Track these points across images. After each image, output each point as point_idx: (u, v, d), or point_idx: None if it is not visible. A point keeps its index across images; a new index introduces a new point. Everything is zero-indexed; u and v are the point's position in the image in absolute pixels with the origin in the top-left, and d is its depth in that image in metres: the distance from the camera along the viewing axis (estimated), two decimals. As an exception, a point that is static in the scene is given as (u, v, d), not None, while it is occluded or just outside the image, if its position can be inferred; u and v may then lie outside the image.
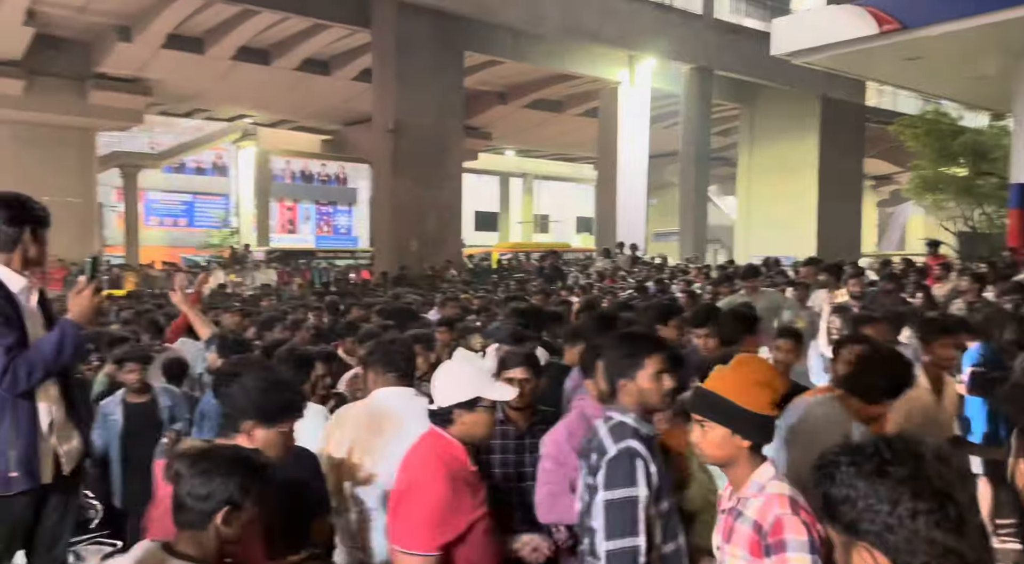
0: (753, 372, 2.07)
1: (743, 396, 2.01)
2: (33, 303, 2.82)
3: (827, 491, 1.20)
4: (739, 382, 2.04)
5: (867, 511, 1.14)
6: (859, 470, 1.16)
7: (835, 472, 1.19)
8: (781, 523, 1.90)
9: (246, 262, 22.48)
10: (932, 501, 1.11)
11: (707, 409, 2.05)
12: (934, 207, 25.72)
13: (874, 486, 1.14)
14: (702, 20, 22.43)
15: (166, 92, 24.09)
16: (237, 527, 1.90)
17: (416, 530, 2.26)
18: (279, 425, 2.28)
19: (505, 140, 32.22)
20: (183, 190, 39.77)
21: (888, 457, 1.15)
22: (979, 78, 16.47)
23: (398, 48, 17.60)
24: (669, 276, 13.42)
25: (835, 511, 1.19)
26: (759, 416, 2.01)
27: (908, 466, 1.14)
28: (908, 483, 1.13)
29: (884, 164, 34.03)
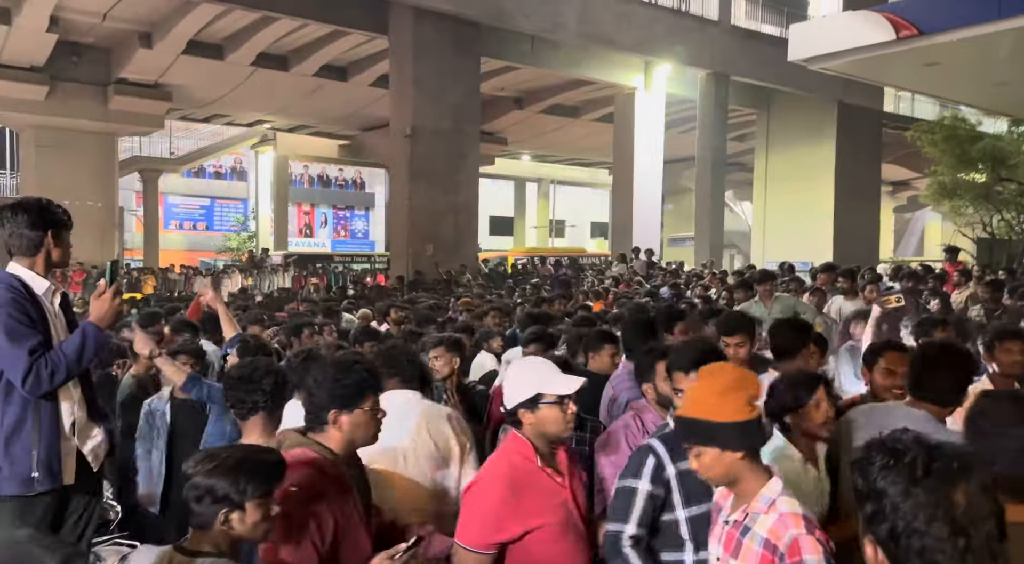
0: (717, 382, 2.01)
1: (715, 410, 1.95)
2: (56, 305, 2.88)
3: (855, 479, 1.22)
4: (707, 397, 1.98)
5: (879, 515, 1.16)
6: (886, 477, 1.16)
7: (868, 468, 1.20)
8: (799, 544, 1.86)
9: (264, 266, 22.67)
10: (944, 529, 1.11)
11: (689, 435, 2.01)
12: (952, 213, 25.43)
13: (893, 499, 1.15)
14: (718, 26, 22.40)
15: (186, 97, 24.36)
16: (244, 527, 1.91)
17: (470, 525, 2.31)
18: (360, 406, 2.28)
19: (521, 145, 32.28)
20: (202, 194, 40.17)
21: (919, 474, 1.14)
22: (998, 84, 16.32)
23: (415, 54, 17.72)
24: (684, 282, 13.40)
25: (858, 499, 1.22)
26: (738, 424, 1.94)
27: (935, 491, 1.13)
28: (928, 508, 1.12)
29: (901, 170, 33.76)
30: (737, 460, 1.96)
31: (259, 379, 2.73)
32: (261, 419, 2.74)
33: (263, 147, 34.05)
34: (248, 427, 2.74)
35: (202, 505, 1.90)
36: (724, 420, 1.93)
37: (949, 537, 1.10)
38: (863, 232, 25.60)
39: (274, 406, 2.78)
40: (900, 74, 17.14)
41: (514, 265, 24.19)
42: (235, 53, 20.64)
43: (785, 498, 1.96)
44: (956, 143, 21.66)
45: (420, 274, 17.26)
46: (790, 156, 25.66)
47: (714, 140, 22.67)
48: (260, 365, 2.83)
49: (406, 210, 18.19)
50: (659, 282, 13.76)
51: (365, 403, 2.28)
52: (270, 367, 2.84)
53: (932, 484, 1.13)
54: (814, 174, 25.01)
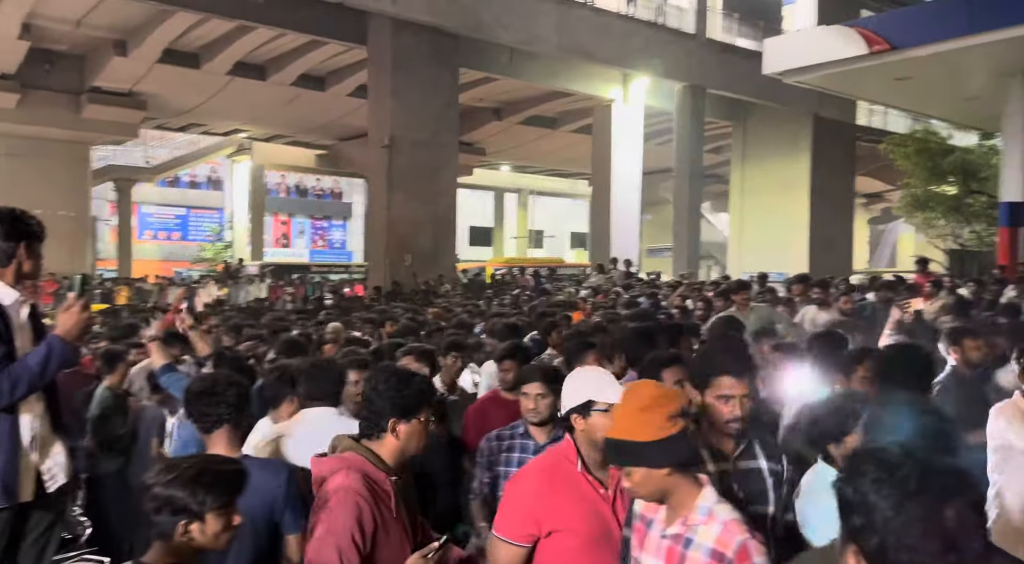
0: (635, 401, 2.03)
1: (636, 430, 1.97)
2: (23, 317, 2.82)
3: (842, 488, 1.20)
4: (627, 418, 2.01)
5: (869, 528, 1.14)
6: (878, 490, 1.15)
7: (857, 478, 1.18)
8: (747, 549, 1.90)
9: (239, 276, 22.43)
10: (935, 544, 1.10)
11: (616, 456, 2.04)
12: (924, 225, 25.88)
13: (884, 514, 1.13)
14: (695, 39, 22.66)
15: (161, 106, 24.13)
16: (205, 537, 1.90)
17: (505, 515, 2.39)
18: (417, 416, 2.37)
19: (500, 156, 32.36)
20: (177, 204, 39.79)
21: (912, 489, 1.13)
22: (968, 98, 16.66)
23: (394, 64, 17.72)
24: (655, 290, 13.43)
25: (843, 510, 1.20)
26: (659, 442, 1.96)
27: (928, 507, 1.12)
28: (920, 524, 1.11)
29: (875, 182, 34.29)
30: (664, 476, 1.98)
31: (222, 392, 2.69)
32: (226, 432, 2.69)
33: (239, 156, 33.78)
34: (212, 441, 2.69)
35: (162, 516, 1.89)
36: (646, 439, 1.96)
37: (941, 553, 1.10)
38: (838, 243, 25.93)
39: (239, 419, 2.74)
40: (873, 88, 17.44)
41: (493, 275, 24.17)
42: (211, 62, 20.49)
43: (721, 506, 1.99)
44: (928, 156, 22.08)
45: (398, 285, 17.18)
46: (766, 168, 25.96)
47: (691, 152, 22.88)
48: (221, 378, 2.78)
49: (384, 220, 18.13)
50: (637, 292, 13.80)
51: (422, 414, 2.38)
52: (232, 379, 2.80)
53: (925, 499, 1.12)
54: (789, 186, 25.32)
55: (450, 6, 17.79)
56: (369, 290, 17.45)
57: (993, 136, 20.58)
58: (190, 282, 23.21)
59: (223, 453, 2.61)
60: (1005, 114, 14.98)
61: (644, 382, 2.23)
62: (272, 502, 2.58)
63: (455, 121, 19.45)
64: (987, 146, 22.36)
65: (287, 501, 2.61)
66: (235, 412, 2.70)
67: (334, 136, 28.81)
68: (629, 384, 2.21)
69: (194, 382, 2.87)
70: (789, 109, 23.98)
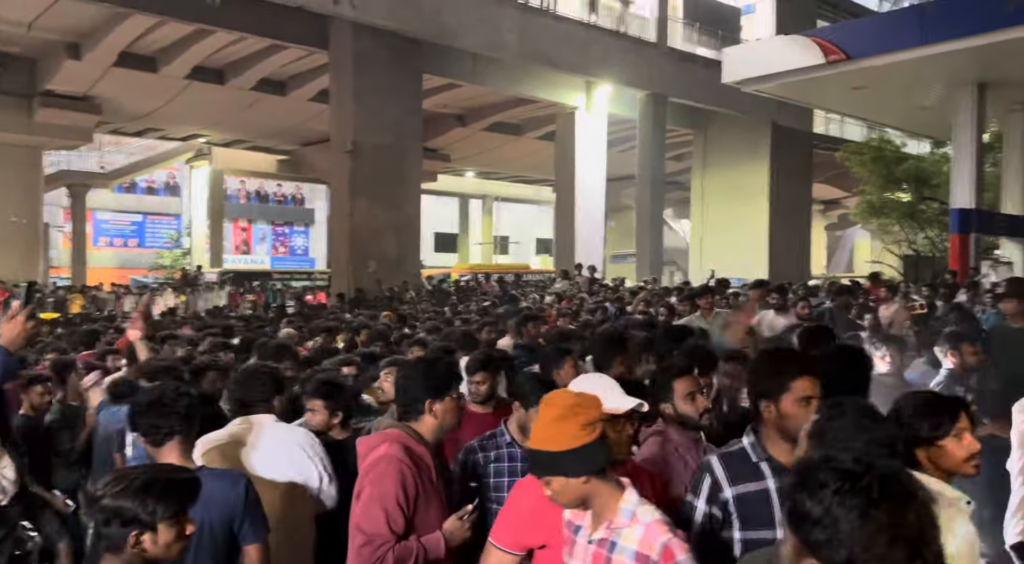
0: (551, 412, 2.03)
1: (552, 440, 1.98)
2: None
3: (800, 500, 1.18)
4: (543, 428, 2.02)
5: (836, 541, 1.13)
6: (842, 502, 1.13)
7: (817, 489, 1.16)
8: (671, 549, 1.92)
9: (198, 284, 22.03)
10: (903, 551, 1.10)
11: (536, 467, 2.06)
12: (880, 231, 26.55)
13: (852, 524, 1.12)
14: (656, 48, 22.93)
15: (117, 111, 23.62)
16: (157, 548, 1.86)
17: (501, 523, 2.39)
18: (450, 394, 2.59)
19: (465, 162, 32.32)
20: (134, 210, 38.97)
21: (876, 497, 1.13)
22: (921, 107, 17.10)
23: (356, 69, 17.59)
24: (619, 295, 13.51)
25: (801, 523, 1.17)
26: (575, 450, 1.96)
27: (893, 514, 1.12)
28: (887, 531, 1.11)
29: (832, 189, 35.03)
30: (582, 484, 1.99)
31: (171, 402, 2.60)
32: (177, 444, 2.60)
33: (198, 162, 33.22)
34: (163, 454, 2.60)
35: (111, 528, 1.84)
36: (561, 449, 1.97)
37: (908, 560, 1.10)
38: (796, 249, 26.40)
39: (190, 430, 2.66)
40: (829, 96, 17.82)
41: (457, 282, 24.09)
42: (169, 66, 20.12)
43: (644, 508, 2.01)
44: (883, 164, 22.63)
45: (361, 291, 17.02)
46: (726, 175, 26.34)
47: (653, 159, 23.11)
48: (169, 388, 2.70)
49: (347, 226, 17.96)
50: (601, 298, 13.87)
51: (453, 391, 2.61)
52: (181, 390, 2.72)
53: (890, 507, 1.12)
54: (749, 193, 25.72)
55: (411, 11, 17.73)
56: (332, 297, 17.27)
57: (945, 144, 21.14)
58: (148, 289, 22.73)
59: None
60: (956, 123, 15.41)
61: (559, 391, 2.18)
62: (230, 512, 2.52)
63: (419, 127, 19.37)
64: (939, 154, 23.00)
65: (246, 511, 2.55)
66: (186, 423, 2.62)
67: (295, 141, 28.49)
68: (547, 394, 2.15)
69: (142, 394, 2.79)
70: (748, 117, 24.37)
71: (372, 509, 2.35)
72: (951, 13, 12.81)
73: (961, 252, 15.02)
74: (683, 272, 31.44)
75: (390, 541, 2.34)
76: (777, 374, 2.32)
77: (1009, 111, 16.33)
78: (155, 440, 2.61)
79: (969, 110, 15.08)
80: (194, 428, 2.70)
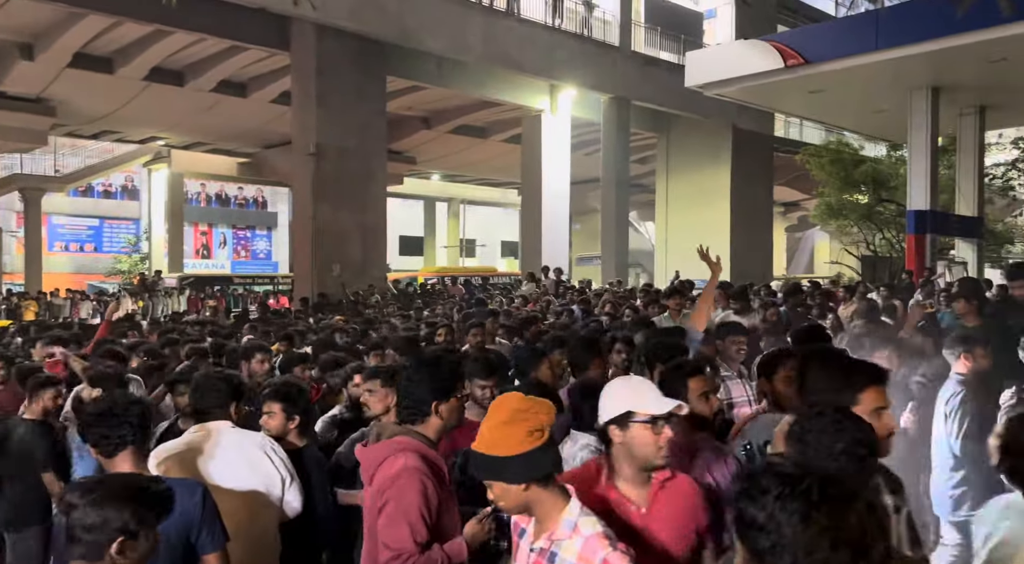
0: (497, 416, 2.02)
1: (496, 444, 1.97)
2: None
3: (745, 509, 1.17)
4: (489, 432, 2.00)
5: (779, 547, 1.12)
6: (784, 507, 1.13)
7: (759, 496, 1.16)
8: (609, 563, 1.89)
9: (157, 289, 21.61)
10: (846, 554, 1.09)
11: (479, 470, 2.03)
12: (839, 232, 27.06)
13: (794, 528, 1.11)
14: (620, 52, 23.11)
15: (72, 113, 23.07)
16: (134, 557, 1.88)
17: None
18: (455, 394, 2.57)
19: (430, 165, 32.20)
20: (90, 214, 38.06)
21: (816, 500, 1.12)
22: (877, 110, 17.47)
23: (318, 71, 17.41)
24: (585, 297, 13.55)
25: (747, 532, 1.17)
26: (517, 457, 1.94)
27: (833, 516, 1.11)
28: (828, 533, 1.10)
29: (792, 191, 35.61)
30: (522, 491, 1.97)
31: (122, 412, 2.55)
32: (130, 454, 2.55)
33: (156, 165, 32.57)
34: (115, 465, 2.54)
35: (92, 535, 1.85)
36: (505, 454, 1.94)
37: (852, 561, 1.09)
38: (757, 250, 26.77)
39: (143, 440, 2.61)
40: (789, 100, 18.09)
41: (424, 285, 23.97)
42: (126, 67, 19.69)
43: (585, 519, 1.97)
44: (841, 166, 23.06)
45: (325, 296, 16.85)
46: (689, 178, 26.63)
47: (618, 162, 23.27)
48: (120, 397, 2.65)
49: (310, 230, 17.76)
50: (567, 300, 13.89)
51: (458, 391, 2.59)
52: (132, 398, 2.67)
53: (830, 509, 1.12)
54: (711, 195, 26.02)
55: (374, 13, 17.61)
56: (296, 302, 17.06)
57: (901, 147, 21.60)
58: (105, 295, 22.24)
59: None
60: (911, 126, 15.75)
61: (509, 395, 2.14)
62: (188, 522, 2.48)
63: (383, 129, 19.24)
64: (895, 156, 23.52)
65: (203, 520, 2.51)
66: (139, 432, 2.58)
67: (257, 144, 28.11)
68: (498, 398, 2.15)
69: (91, 404, 2.73)
70: (710, 121, 24.67)
71: (397, 523, 2.33)
72: (904, 19, 13.11)
73: (917, 252, 15.35)
74: (648, 274, 31.72)
75: (415, 555, 2.33)
76: (844, 387, 2.18)
77: (962, 114, 16.75)
78: (106, 451, 2.55)
79: (923, 114, 15.43)
80: (147, 437, 2.66)
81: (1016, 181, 21.53)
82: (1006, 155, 21.91)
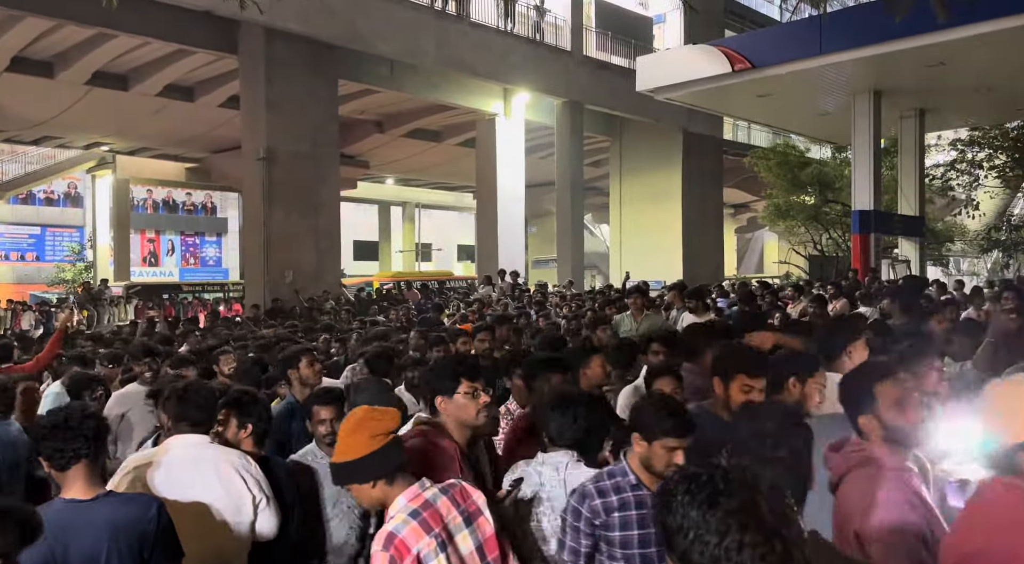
0: (346, 425, 2.32)
1: (343, 452, 2.27)
2: None
3: (664, 520, 1.19)
4: (340, 442, 2.30)
5: (697, 541, 1.13)
6: (692, 499, 1.15)
7: (672, 501, 1.18)
8: (389, 536, 2.15)
9: (102, 298, 21.00)
10: (759, 535, 1.11)
11: (336, 478, 2.36)
12: (787, 232, 27.71)
13: (705, 516, 1.13)
14: (572, 56, 23.27)
15: (11, 118, 22.30)
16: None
17: None
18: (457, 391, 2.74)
19: (384, 169, 31.94)
20: (32, 222, 36.77)
21: (721, 487, 1.15)
22: (822, 114, 17.95)
23: (268, 75, 17.14)
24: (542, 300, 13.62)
25: (671, 540, 1.18)
26: (360, 460, 2.23)
27: (739, 498, 1.14)
28: (737, 515, 1.12)
29: (741, 193, 36.30)
30: (371, 489, 2.26)
31: (77, 425, 2.47)
32: (83, 468, 2.47)
33: (101, 171, 31.66)
34: (68, 479, 2.46)
35: None
36: (349, 459, 2.25)
37: (766, 542, 1.11)
38: (709, 251, 27.22)
39: (97, 453, 2.52)
40: (737, 104, 18.46)
41: (380, 290, 23.77)
42: (68, 71, 19.11)
43: (397, 516, 2.21)
44: (788, 168, 23.61)
45: (278, 301, 16.59)
46: (642, 181, 26.95)
47: (572, 166, 23.42)
48: (75, 409, 2.56)
49: (262, 236, 17.46)
50: (523, 303, 13.94)
51: (461, 387, 2.73)
52: (87, 410, 2.58)
53: (736, 492, 1.15)
54: (664, 198, 26.38)
55: (324, 16, 17.42)
56: (248, 308, 16.75)
57: (845, 150, 22.19)
58: (48, 305, 21.55)
59: (82, 491, 2.43)
60: (854, 129, 16.22)
61: (358, 408, 2.41)
62: (140, 538, 2.42)
63: (335, 133, 19.03)
64: (840, 158, 24.16)
65: (157, 537, 2.45)
66: (93, 445, 2.49)
67: (205, 148, 27.53)
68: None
69: (44, 417, 2.63)
70: (661, 124, 25.00)
71: None
72: (847, 24, 13.48)
73: (862, 251, 15.80)
74: (604, 276, 31.97)
75: None
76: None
77: (902, 117, 17.30)
78: (59, 464, 2.47)
79: (866, 117, 15.90)
80: (102, 451, 2.58)
81: (955, 181, 22.28)
82: (945, 156, 22.67)
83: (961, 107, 17.56)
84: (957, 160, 21.85)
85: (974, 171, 21.68)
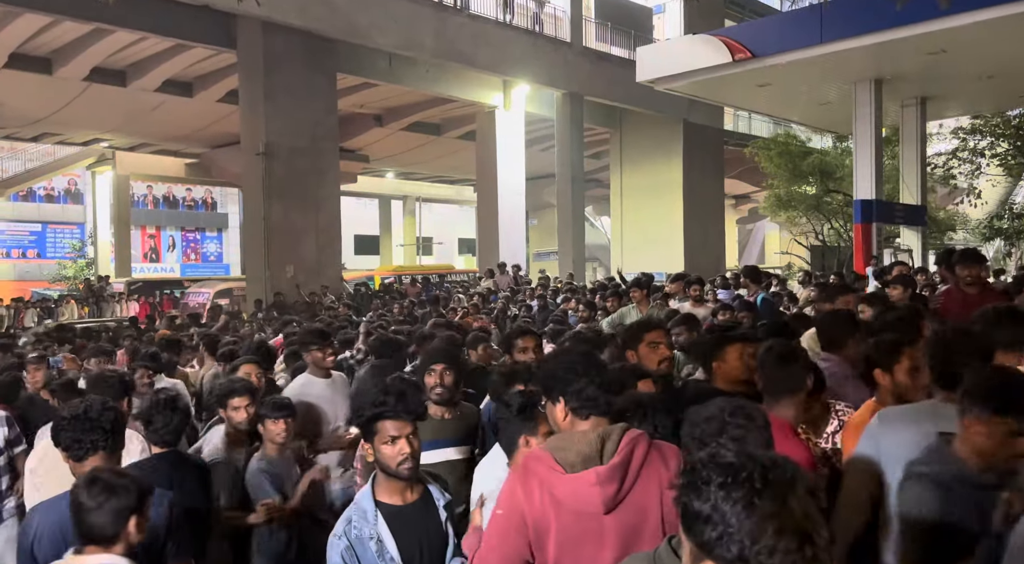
0: None
1: None
2: None
3: (689, 502, 1.17)
4: None
5: (726, 537, 1.12)
6: (728, 495, 1.13)
7: (703, 488, 1.16)
8: None
9: (103, 295, 21.01)
10: (792, 540, 1.09)
11: None
12: (788, 223, 27.58)
13: (739, 517, 1.11)
14: (571, 48, 23.18)
15: (10, 115, 22.29)
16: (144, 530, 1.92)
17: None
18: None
19: (384, 162, 31.90)
20: (32, 219, 36.77)
21: (759, 486, 1.13)
22: (823, 103, 17.85)
23: (266, 69, 17.09)
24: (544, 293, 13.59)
25: (693, 524, 1.16)
26: None
27: (777, 501, 1.12)
28: (773, 520, 1.10)
29: (742, 184, 36.22)
30: None
31: (96, 417, 2.53)
32: (100, 460, 2.53)
33: (100, 167, 31.66)
34: (85, 469, 2.48)
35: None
36: None
37: (799, 548, 1.09)
38: (710, 242, 27.18)
39: (115, 445, 2.59)
40: (737, 94, 18.36)
41: (381, 284, 23.73)
42: (66, 67, 19.08)
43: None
44: (789, 158, 23.51)
45: (280, 296, 16.60)
46: (642, 172, 26.88)
47: (572, 157, 23.36)
48: (94, 402, 2.61)
49: (262, 231, 17.45)
50: (525, 296, 13.91)
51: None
52: (106, 404, 2.63)
53: (772, 495, 1.12)
54: (665, 189, 26.32)
55: (323, 10, 17.34)
56: (249, 304, 16.77)
57: (846, 139, 22.09)
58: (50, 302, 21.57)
59: None
60: (856, 118, 16.12)
61: None
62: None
63: (334, 127, 18.99)
64: (841, 148, 24.06)
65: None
66: (111, 438, 2.57)
67: (204, 144, 27.50)
68: None
69: (65, 408, 2.68)
70: (661, 115, 24.92)
71: None
72: (847, 13, 13.39)
73: (864, 241, 15.73)
74: (605, 268, 31.95)
75: None
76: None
77: (904, 106, 17.21)
78: (77, 455, 2.54)
79: (867, 105, 15.80)
80: (119, 443, 2.63)
81: (956, 170, 22.18)
82: (946, 144, 22.56)
83: (963, 95, 17.46)
84: (959, 148, 21.73)
85: (976, 159, 21.56)
